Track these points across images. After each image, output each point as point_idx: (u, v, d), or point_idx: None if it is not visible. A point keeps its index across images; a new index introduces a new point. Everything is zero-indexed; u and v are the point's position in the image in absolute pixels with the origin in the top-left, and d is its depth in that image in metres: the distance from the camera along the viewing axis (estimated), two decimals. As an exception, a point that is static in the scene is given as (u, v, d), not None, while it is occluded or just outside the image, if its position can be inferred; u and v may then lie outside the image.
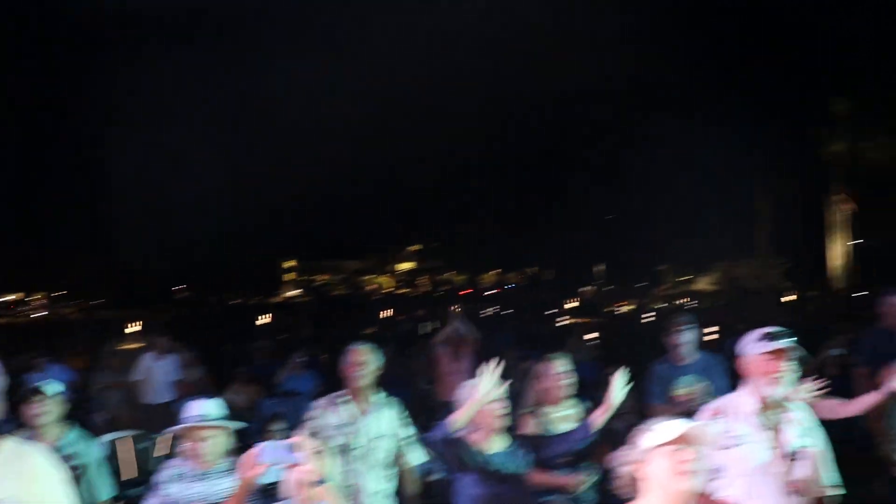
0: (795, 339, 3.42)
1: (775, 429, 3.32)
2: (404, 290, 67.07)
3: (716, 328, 17.46)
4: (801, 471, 3.28)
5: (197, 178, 41.11)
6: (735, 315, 23.67)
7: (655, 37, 35.03)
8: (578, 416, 4.65)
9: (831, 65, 32.72)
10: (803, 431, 3.35)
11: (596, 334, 15.05)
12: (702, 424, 2.54)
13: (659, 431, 2.46)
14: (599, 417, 4.16)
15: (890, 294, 6.94)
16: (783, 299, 34.97)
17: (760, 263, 39.78)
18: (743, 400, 3.40)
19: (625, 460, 2.52)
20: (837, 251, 37.39)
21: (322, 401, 4.52)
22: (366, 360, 4.42)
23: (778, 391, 3.31)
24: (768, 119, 34.02)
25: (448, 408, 4.10)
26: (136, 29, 42.15)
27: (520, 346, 11.95)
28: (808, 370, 3.83)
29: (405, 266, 73.55)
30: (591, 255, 55.74)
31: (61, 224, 47.67)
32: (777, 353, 3.30)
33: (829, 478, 3.42)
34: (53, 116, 48.22)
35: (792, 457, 3.29)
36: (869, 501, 5.64)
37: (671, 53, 34.73)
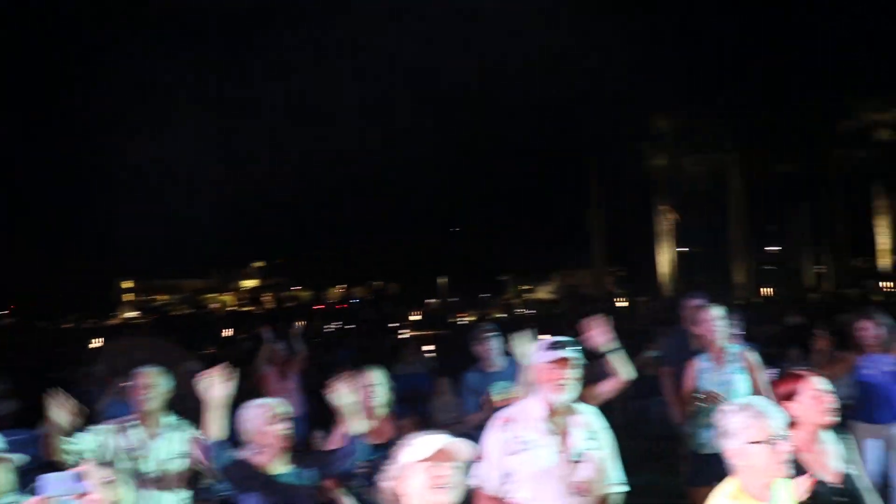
0: (579, 347, 3.63)
1: (562, 433, 3.48)
2: (249, 308, 65.67)
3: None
4: (584, 473, 3.47)
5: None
6: (571, 322, 24.73)
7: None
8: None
9: (654, 84, 34.61)
10: (590, 435, 3.54)
11: (432, 346, 15.32)
12: (458, 439, 2.61)
13: (415, 447, 2.55)
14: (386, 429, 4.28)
15: (690, 297, 7.49)
16: (617, 305, 36.68)
17: (596, 272, 41.52)
18: (531, 406, 3.56)
19: (386, 475, 2.58)
20: (665, 259, 39.50)
21: (109, 425, 4.45)
22: (154, 384, 4.40)
23: (563, 397, 3.47)
24: (597, 133, 35.72)
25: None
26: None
27: (359, 361, 12.03)
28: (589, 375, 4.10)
29: (249, 283, 72.10)
30: (436, 267, 56.58)
31: None
32: (561, 362, 3.48)
33: (613, 478, 3.62)
34: None
35: (577, 460, 3.48)
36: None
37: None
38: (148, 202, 47.69)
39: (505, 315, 37.43)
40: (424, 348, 14.51)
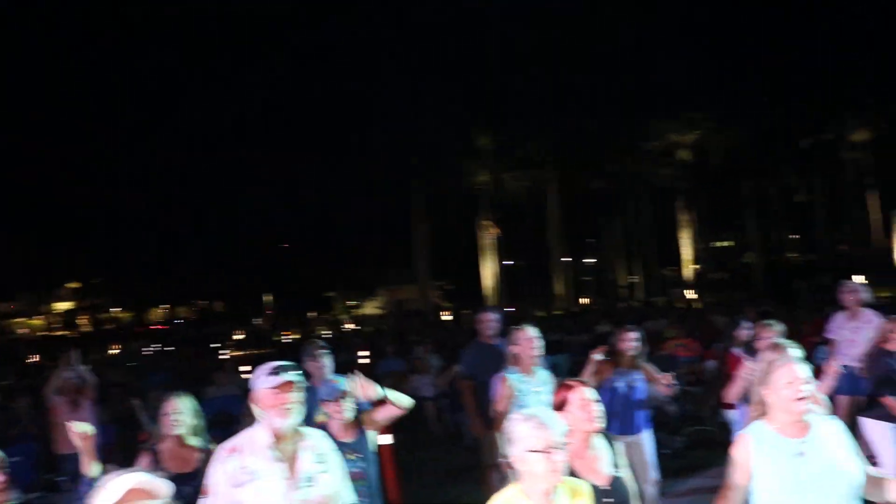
0: (301, 372, 3.52)
1: (290, 459, 3.39)
2: (62, 332, 61.88)
3: (367, 353, 18.19)
4: (314, 498, 3.39)
5: None
6: (397, 336, 24.98)
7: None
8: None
9: (475, 101, 35.64)
10: (319, 458, 3.46)
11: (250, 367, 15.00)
12: (151, 477, 2.53)
13: (109, 487, 2.45)
14: None
15: (483, 312, 7.73)
16: (443, 318, 37.34)
17: (422, 286, 42.06)
18: (257, 434, 3.44)
19: None
20: (489, 272, 40.55)
21: None
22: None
23: (288, 422, 3.39)
24: (422, 152, 36.25)
25: (68, 460, 3.81)
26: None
27: (172, 385, 11.60)
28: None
29: (63, 306, 68.08)
30: (262, 285, 55.57)
31: None
32: (284, 386, 3.39)
33: (345, 500, 3.59)
34: None
35: (306, 485, 3.38)
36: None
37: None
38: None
39: (331, 332, 37.32)
40: (242, 369, 14.20)
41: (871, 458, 6.62)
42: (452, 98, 35.67)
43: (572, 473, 3.35)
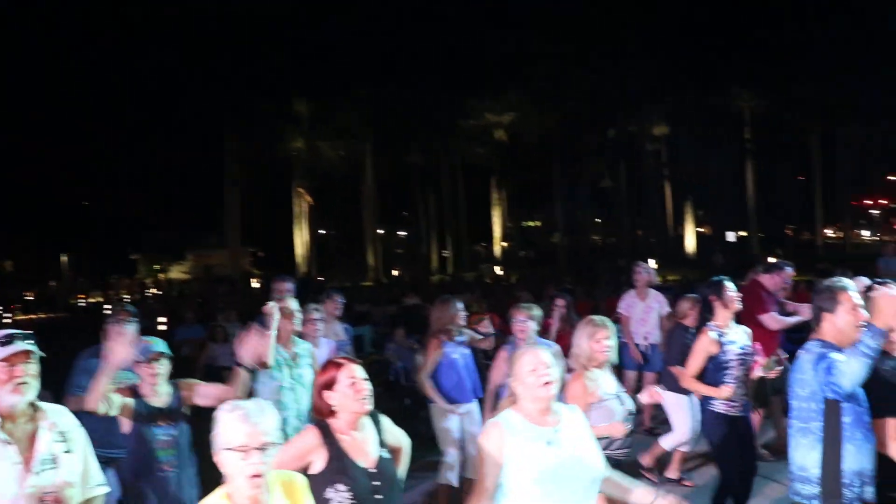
0: (33, 340, 3.14)
1: (27, 440, 3.05)
2: None
3: (166, 319, 17.43)
4: (56, 480, 3.05)
5: None
6: (205, 302, 24.08)
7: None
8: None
9: (292, 65, 34.66)
10: (60, 437, 3.13)
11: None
12: None
13: None
14: None
15: (277, 279, 7.56)
16: (252, 286, 36.42)
17: (232, 252, 40.84)
18: None
19: None
20: (301, 241, 39.97)
21: None
22: None
23: (21, 399, 3.04)
24: (235, 111, 34.97)
25: None
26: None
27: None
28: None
29: None
30: (59, 244, 52.11)
31: None
32: (16, 357, 3.05)
33: (93, 479, 3.29)
34: None
35: (46, 467, 3.05)
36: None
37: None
38: None
39: (134, 296, 35.57)
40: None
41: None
42: (271, 61, 34.55)
43: (341, 454, 3.30)
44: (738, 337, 5.65)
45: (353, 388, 3.38)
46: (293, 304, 5.89)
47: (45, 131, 41.55)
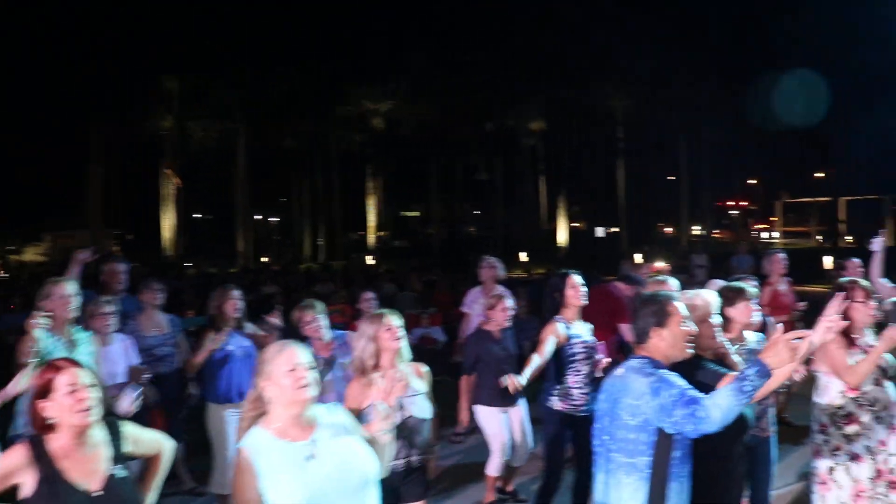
0: None
1: None
2: None
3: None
4: None
5: None
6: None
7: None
8: None
9: (162, 40, 33.22)
10: None
11: None
12: None
13: None
14: None
15: (111, 263, 7.10)
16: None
17: (94, 233, 38.90)
18: None
19: None
20: (168, 224, 38.51)
21: None
22: None
23: None
24: (104, 87, 33.25)
25: None
26: None
27: None
28: None
29: None
30: None
31: None
32: None
33: None
34: None
35: None
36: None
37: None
38: None
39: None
40: None
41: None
42: (140, 35, 32.98)
43: (55, 476, 2.83)
44: (583, 331, 5.51)
45: (73, 396, 2.88)
46: (69, 287, 5.41)
47: None
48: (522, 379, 5.50)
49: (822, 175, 52.48)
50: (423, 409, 4.12)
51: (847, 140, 39.81)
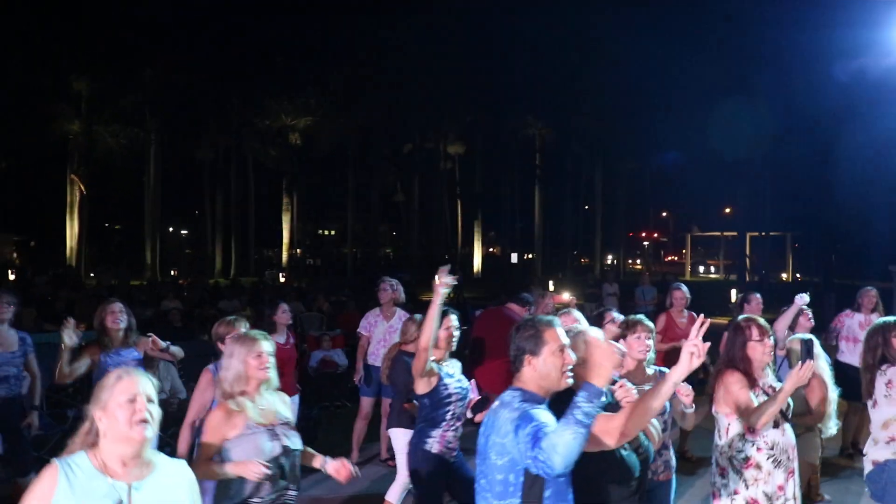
0: None
1: None
2: None
3: None
4: None
5: None
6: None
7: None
8: None
9: (72, 39, 31.98)
10: None
11: None
12: None
13: None
14: None
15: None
16: (11, 277, 33.34)
17: (-7, 239, 37.28)
18: None
19: None
20: (72, 232, 37.05)
21: None
22: None
23: None
24: (7, 85, 31.82)
25: None
26: None
27: None
28: None
29: None
30: None
31: None
32: None
33: None
34: None
35: None
36: None
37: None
38: None
39: None
40: None
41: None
42: (48, 33, 31.65)
43: None
44: (456, 370, 5.11)
45: None
46: None
47: None
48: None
49: (730, 210, 54.01)
50: (294, 440, 3.75)
51: (753, 179, 41.12)
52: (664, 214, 60.87)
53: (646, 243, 63.44)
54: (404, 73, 38.18)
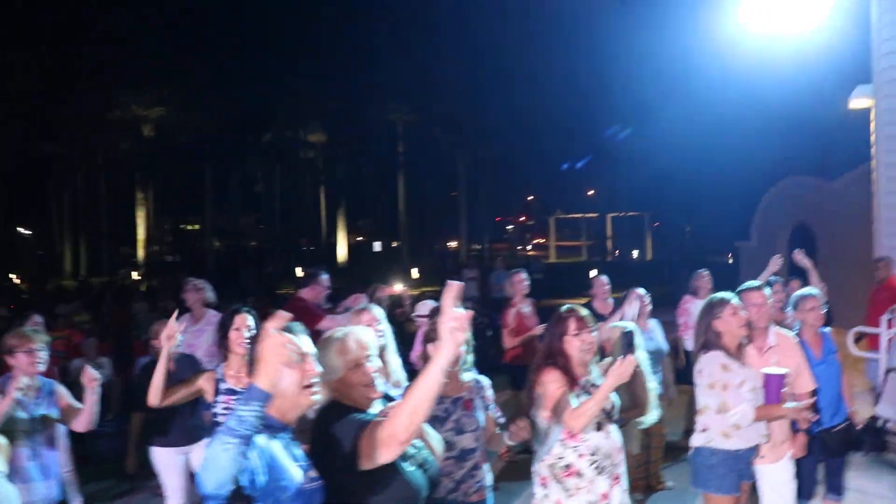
0: None
1: None
2: None
3: None
4: None
5: None
6: None
7: None
8: None
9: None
10: None
11: None
12: None
13: None
14: None
15: None
16: None
17: None
18: None
19: None
20: None
21: None
22: None
23: None
24: None
25: None
26: None
27: None
28: None
29: None
30: None
31: None
32: None
33: None
34: None
35: None
36: None
37: None
38: None
39: None
40: None
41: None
42: None
43: None
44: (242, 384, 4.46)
45: None
46: None
47: None
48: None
49: (592, 192, 55.25)
50: None
51: (610, 162, 42.24)
52: (530, 198, 61.72)
53: (510, 227, 64.15)
54: (260, 61, 37.04)
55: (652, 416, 4.69)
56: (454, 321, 2.34)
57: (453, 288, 2.36)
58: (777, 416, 4.21)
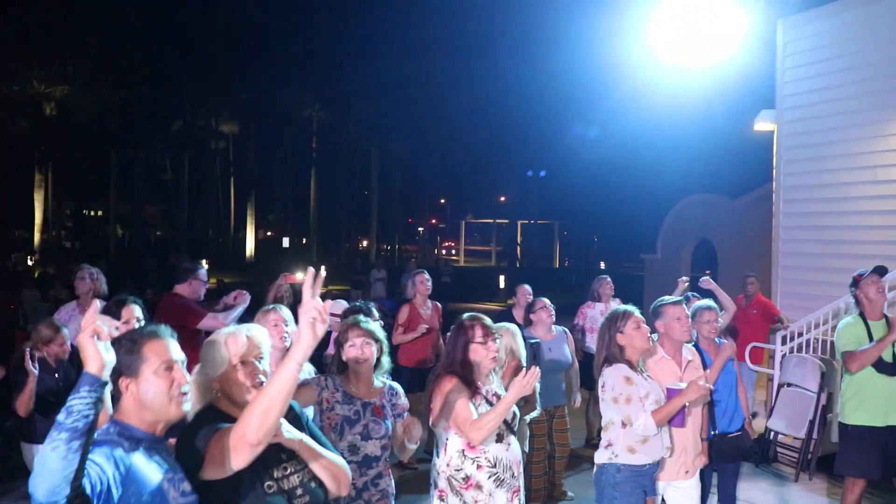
0: None
1: None
2: None
3: None
4: None
5: None
6: None
7: None
8: None
9: None
10: None
11: None
12: None
13: None
14: None
15: None
16: None
17: None
18: None
19: None
20: None
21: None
22: None
23: None
24: None
25: None
26: None
27: None
28: None
29: None
30: None
31: None
32: None
33: None
34: None
35: None
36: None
37: None
38: None
39: None
40: None
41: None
42: None
43: None
44: None
45: None
46: None
47: None
48: None
49: (504, 199, 55.74)
50: None
51: (523, 170, 42.70)
52: (442, 201, 61.86)
53: (421, 229, 64.18)
54: (174, 45, 36.00)
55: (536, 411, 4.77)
56: (314, 311, 2.20)
57: (312, 275, 2.22)
58: (677, 405, 4.11)
